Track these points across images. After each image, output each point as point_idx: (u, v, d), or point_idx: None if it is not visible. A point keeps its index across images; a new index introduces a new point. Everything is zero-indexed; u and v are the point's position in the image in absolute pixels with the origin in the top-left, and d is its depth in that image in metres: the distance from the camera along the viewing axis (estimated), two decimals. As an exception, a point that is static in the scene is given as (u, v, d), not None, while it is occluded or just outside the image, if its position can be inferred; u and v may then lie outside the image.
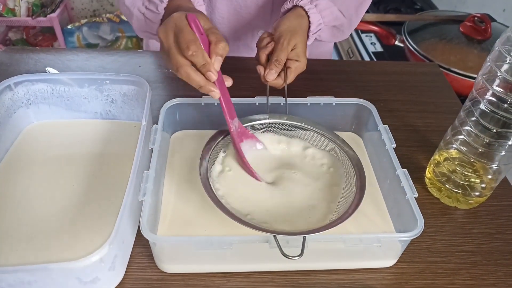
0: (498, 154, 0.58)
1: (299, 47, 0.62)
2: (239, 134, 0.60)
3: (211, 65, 0.50)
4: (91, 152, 0.67)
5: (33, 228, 0.55)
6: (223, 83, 0.54)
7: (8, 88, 0.65)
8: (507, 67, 0.51)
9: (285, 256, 0.46)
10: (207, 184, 0.54)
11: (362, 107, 0.69)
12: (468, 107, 0.59)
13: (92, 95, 0.69)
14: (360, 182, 0.56)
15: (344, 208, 0.54)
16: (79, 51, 0.92)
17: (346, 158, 0.60)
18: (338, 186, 0.60)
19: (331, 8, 0.68)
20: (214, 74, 0.50)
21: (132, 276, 0.53)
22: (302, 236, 0.48)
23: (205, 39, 0.52)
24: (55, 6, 2.19)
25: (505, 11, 1.44)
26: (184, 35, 0.49)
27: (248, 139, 0.61)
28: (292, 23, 0.63)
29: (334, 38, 0.75)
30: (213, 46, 0.50)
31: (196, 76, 0.51)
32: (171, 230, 0.56)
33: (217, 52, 0.50)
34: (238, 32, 0.85)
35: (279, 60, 0.59)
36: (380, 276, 0.55)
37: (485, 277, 0.56)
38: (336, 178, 0.61)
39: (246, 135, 0.61)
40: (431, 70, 0.96)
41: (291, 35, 0.61)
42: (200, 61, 0.50)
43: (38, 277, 0.45)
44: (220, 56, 0.51)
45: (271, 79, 0.60)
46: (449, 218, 0.63)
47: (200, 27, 0.51)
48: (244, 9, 0.80)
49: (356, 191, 0.55)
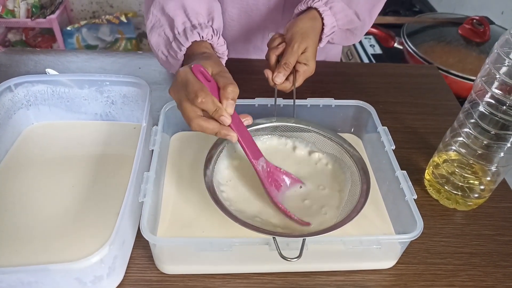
0: (497, 156, 0.58)
1: (309, 50, 0.61)
2: (269, 174, 0.57)
3: (223, 110, 0.49)
4: (91, 153, 0.67)
5: (33, 229, 0.56)
6: (241, 123, 0.53)
7: (8, 89, 0.65)
8: (506, 70, 0.52)
9: (283, 258, 0.46)
10: (210, 185, 0.53)
11: (361, 109, 0.69)
12: (467, 109, 0.59)
13: (92, 96, 0.69)
14: (365, 186, 0.56)
15: (347, 212, 0.54)
16: (79, 53, 0.92)
17: (352, 162, 0.60)
18: (343, 191, 0.59)
19: (346, 11, 0.67)
20: (227, 118, 0.49)
21: (132, 277, 0.53)
22: (301, 239, 0.48)
23: (214, 85, 0.51)
24: (54, 8, 2.20)
25: (503, 13, 1.45)
26: (191, 86, 0.49)
27: (280, 177, 0.58)
28: (305, 25, 0.63)
29: (347, 41, 0.74)
30: (222, 91, 0.50)
31: (209, 124, 0.50)
32: (171, 231, 0.56)
33: (227, 97, 0.49)
34: (248, 34, 0.85)
35: (288, 63, 0.59)
36: (379, 277, 0.56)
37: (484, 278, 0.56)
38: (342, 183, 0.61)
39: (277, 173, 0.58)
40: (430, 72, 0.97)
41: (303, 38, 0.60)
42: (211, 108, 0.49)
43: (38, 278, 0.45)
44: (232, 100, 0.50)
45: (279, 82, 0.60)
46: (448, 219, 0.64)
47: (206, 74, 0.50)
48: (255, 11, 0.80)
49: (359, 195, 0.55)
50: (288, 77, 0.60)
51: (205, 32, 0.59)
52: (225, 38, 0.74)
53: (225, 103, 0.49)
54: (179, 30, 0.60)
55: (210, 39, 0.61)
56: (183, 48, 0.60)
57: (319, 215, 0.56)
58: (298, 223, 0.54)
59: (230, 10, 0.79)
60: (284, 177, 0.58)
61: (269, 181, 0.56)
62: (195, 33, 0.59)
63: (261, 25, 0.82)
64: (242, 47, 0.87)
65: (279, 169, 0.58)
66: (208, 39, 0.60)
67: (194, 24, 0.60)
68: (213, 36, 0.60)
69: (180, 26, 0.60)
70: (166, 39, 0.62)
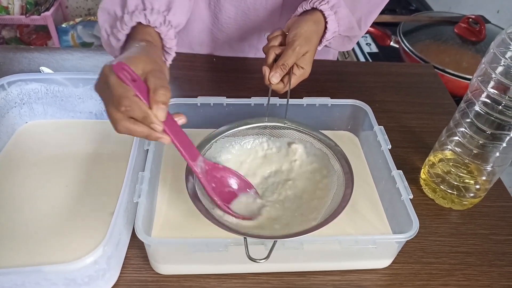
0: (493, 155, 0.58)
1: (309, 55, 0.60)
2: (208, 172, 0.54)
3: (152, 117, 0.43)
4: (85, 152, 0.66)
5: (26, 229, 0.55)
6: (175, 123, 0.47)
7: (1, 88, 0.64)
8: (502, 69, 0.52)
9: (251, 259, 0.46)
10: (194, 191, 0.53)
11: (357, 108, 0.69)
12: (463, 108, 0.59)
13: (86, 95, 0.68)
14: (346, 191, 0.54)
15: (330, 212, 0.52)
16: (73, 50, 0.92)
17: (339, 166, 0.58)
18: (328, 192, 0.58)
19: (350, 18, 0.66)
20: (158, 125, 0.43)
21: (127, 277, 0.53)
22: (272, 240, 0.48)
23: (142, 85, 0.44)
24: (49, 4, 2.18)
25: (499, 12, 1.45)
26: (114, 90, 0.42)
27: (221, 173, 0.56)
28: (310, 28, 0.61)
29: (343, 47, 0.74)
30: (152, 94, 0.43)
31: (137, 127, 0.44)
32: (165, 231, 0.56)
33: (157, 101, 0.43)
34: (245, 33, 0.84)
35: (286, 64, 0.58)
36: (375, 277, 0.56)
37: (479, 277, 0.56)
38: (328, 184, 0.59)
39: (217, 169, 0.56)
40: (426, 71, 0.97)
41: (305, 42, 0.59)
42: (138, 115, 0.43)
43: (32, 279, 0.45)
44: (163, 104, 0.43)
45: (274, 82, 0.58)
46: (444, 219, 0.64)
47: (132, 74, 0.43)
48: (253, 11, 0.79)
49: (341, 201, 0.53)
50: (283, 78, 0.59)
51: (154, 18, 0.55)
52: (221, 35, 0.73)
53: (155, 108, 0.43)
54: (129, 9, 0.56)
55: (158, 26, 0.55)
56: (125, 28, 0.55)
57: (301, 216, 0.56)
58: (241, 219, 0.55)
59: (228, 7, 0.79)
60: (230, 176, 0.57)
61: (208, 179, 0.54)
62: (142, 15, 0.54)
63: (257, 25, 0.82)
64: (238, 45, 0.86)
65: (217, 164, 0.56)
66: (155, 26, 0.55)
67: (147, 7, 0.56)
68: (162, 24, 0.56)
69: (131, 7, 0.56)
70: (113, 17, 0.57)
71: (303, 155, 0.63)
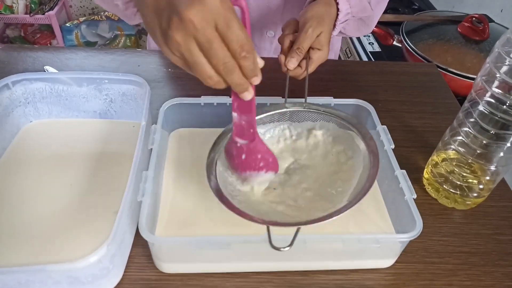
0: (496, 155, 0.58)
1: (324, 35, 0.59)
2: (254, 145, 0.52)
3: (258, 69, 0.41)
4: (89, 152, 0.67)
5: (31, 228, 0.55)
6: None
7: (6, 87, 0.65)
8: (506, 69, 0.51)
9: (274, 247, 0.45)
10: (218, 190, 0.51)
11: (360, 108, 0.69)
12: (467, 108, 0.59)
13: (91, 94, 0.69)
14: (372, 172, 0.53)
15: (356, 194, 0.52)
16: (77, 50, 0.92)
17: (364, 147, 0.57)
18: (350, 180, 0.57)
19: None
20: (259, 77, 0.41)
21: (131, 276, 0.53)
22: (296, 227, 0.47)
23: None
24: (53, 4, 2.19)
25: (502, 11, 1.45)
26: (234, 31, 0.38)
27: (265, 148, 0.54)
28: (320, 9, 0.61)
29: (359, 32, 0.73)
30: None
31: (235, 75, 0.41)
32: (169, 230, 0.56)
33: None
34: None
35: (301, 48, 0.57)
36: (378, 276, 0.56)
37: (483, 278, 0.56)
38: (351, 170, 0.58)
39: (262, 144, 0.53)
40: (429, 71, 0.96)
41: (318, 23, 0.58)
42: (249, 65, 0.40)
43: (36, 278, 0.45)
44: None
45: (291, 68, 0.57)
46: (447, 218, 0.64)
47: (248, 17, 0.40)
48: (255, 9, 0.79)
49: (366, 182, 0.53)
50: (300, 63, 0.58)
51: None
52: None
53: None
54: None
55: None
56: None
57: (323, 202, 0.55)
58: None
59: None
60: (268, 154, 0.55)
61: (251, 147, 0.51)
62: None
63: (259, 24, 0.82)
64: None
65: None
66: None
67: None
68: None
69: None
70: None
71: (325, 138, 0.62)
